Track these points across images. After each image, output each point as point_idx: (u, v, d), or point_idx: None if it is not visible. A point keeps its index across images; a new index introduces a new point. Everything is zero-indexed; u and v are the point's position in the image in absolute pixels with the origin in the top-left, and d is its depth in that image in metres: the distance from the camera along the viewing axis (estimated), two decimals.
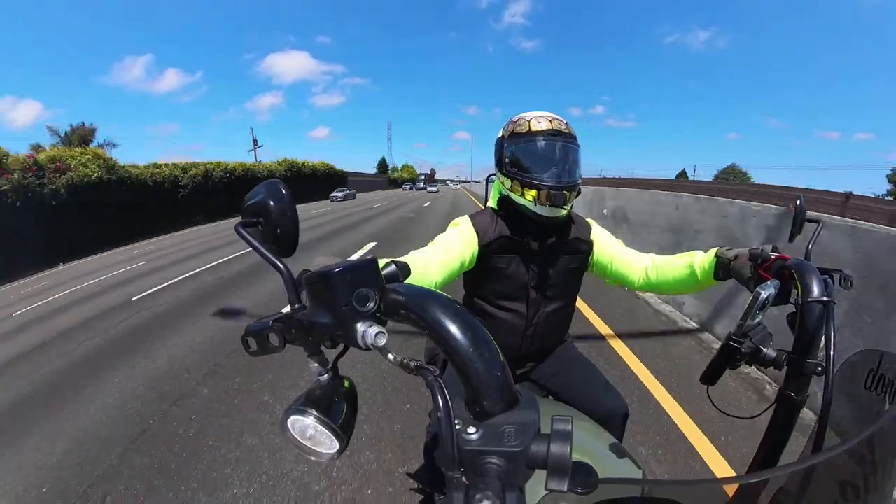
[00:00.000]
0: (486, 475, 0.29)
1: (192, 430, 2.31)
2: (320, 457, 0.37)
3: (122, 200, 15.61)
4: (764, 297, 0.59)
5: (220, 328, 4.00)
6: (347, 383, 0.41)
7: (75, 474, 2.06)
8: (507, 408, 0.33)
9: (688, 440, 1.97)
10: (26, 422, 2.69)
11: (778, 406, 0.61)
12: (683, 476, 1.74)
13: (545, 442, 0.30)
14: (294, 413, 0.36)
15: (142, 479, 1.95)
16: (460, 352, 0.33)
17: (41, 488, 2.00)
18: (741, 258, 0.80)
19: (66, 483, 2.01)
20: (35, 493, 1.98)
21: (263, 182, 0.46)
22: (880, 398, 0.55)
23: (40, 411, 2.80)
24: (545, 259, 1.02)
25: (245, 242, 0.41)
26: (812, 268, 0.63)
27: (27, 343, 4.40)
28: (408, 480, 1.75)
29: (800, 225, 0.81)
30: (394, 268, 0.57)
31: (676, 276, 0.96)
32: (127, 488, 1.91)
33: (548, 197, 0.93)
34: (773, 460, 0.61)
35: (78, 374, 3.36)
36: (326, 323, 0.37)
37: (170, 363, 3.27)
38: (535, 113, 1.00)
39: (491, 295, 1.06)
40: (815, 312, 0.58)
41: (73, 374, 3.36)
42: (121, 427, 2.43)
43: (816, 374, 0.57)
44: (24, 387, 3.24)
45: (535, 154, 0.97)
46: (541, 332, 1.08)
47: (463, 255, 0.96)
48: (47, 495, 1.95)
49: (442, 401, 0.30)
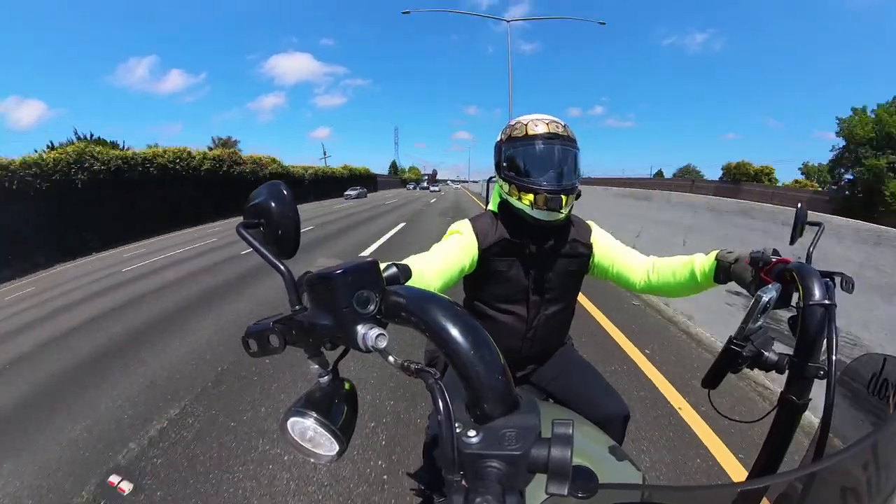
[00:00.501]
0: (487, 479, 0.29)
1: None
2: (319, 459, 0.37)
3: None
4: (765, 300, 0.59)
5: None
6: (348, 385, 0.41)
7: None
8: (508, 411, 0.33)
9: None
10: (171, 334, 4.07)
11: (779, 410, 0.61)
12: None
13: (546, 446, 0.29)
14: (294, 415, 0.36)
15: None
16: (461, 354, 0.33)
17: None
18: (742, 261, 0.79)
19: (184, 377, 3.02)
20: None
21: (265, 183, 0.46)
22: (883, 402, 0.54)
23: (177, 327, 4.24)
24: (544, 262, 1.02)
25: (246, 243, 0.41)
26: (813, 271, 0.62)
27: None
28: (408, 481, 1.74)
29: (801, 228, 0.81)
30: (395, 270, 0.57)
31: (677, 279, 0.95)
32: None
33: (545, 201, 0.92)
34: (774, 465, 0.61)
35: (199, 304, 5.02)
36: (327, 325, 0.37)
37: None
38: (533, 116, 0.99)
39: (491, 298, 1.05)
40: (816, 316, 0.58)
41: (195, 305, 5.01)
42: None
43: (818, 378, 0.57)
44: (158, 312, 4.92)
45: (532, 158, 0.96)
46: (541, 335, 1.08)
47: (463, 258, 0.95)
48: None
49: (442, 403, 0.30)
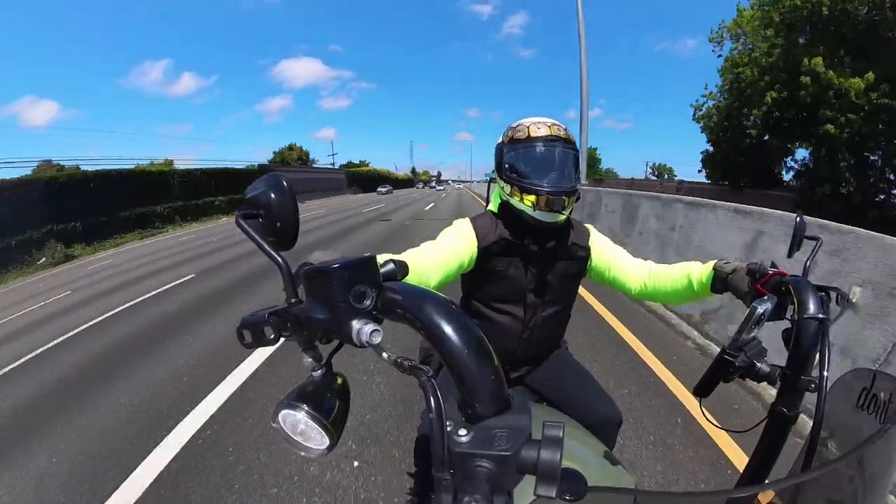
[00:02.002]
0: (476, 478, 0.29)
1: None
2: (310, 452, 0.37)
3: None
4: (760, 312, 0.59)
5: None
6: (340, 380, 0.41)
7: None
8: (500, 411, 0.33)
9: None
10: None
11: (770, 421, 0.61)
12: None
13: (535, 447, 0.29)
14: (286, 407, 0.36)
15: None
16: (455, 353, 0.33)
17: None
18: (739, 272, 0.79)
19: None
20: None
21: (264, 175, 0.46)
22: (871, 416, 0.55)
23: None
24: (543, 263, 1.02)
25: (244, 234, 0.41)
26: (809, 285, 0.63)
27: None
28: (399, 478, 1.75)
29: (799, 241, 0.81)
30: (392, 266, 0.57)
31: (674, 286, 0.96)
32: None
33: (547, 202, 0.94)
34: (763, 475, 0.61)
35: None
36: (322, 318, 0.37)
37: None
38: (535, 119, 1.00)
39: (488, 297, 1.06)
40: (810, 329, 0.58)
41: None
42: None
43: (809, 391, 0.57)
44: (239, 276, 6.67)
45: (535, 160, 0.97)
46: (537, 337, 1.08)
47: (461, 256, 0.95)
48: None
49: (434, 401, 0.30)
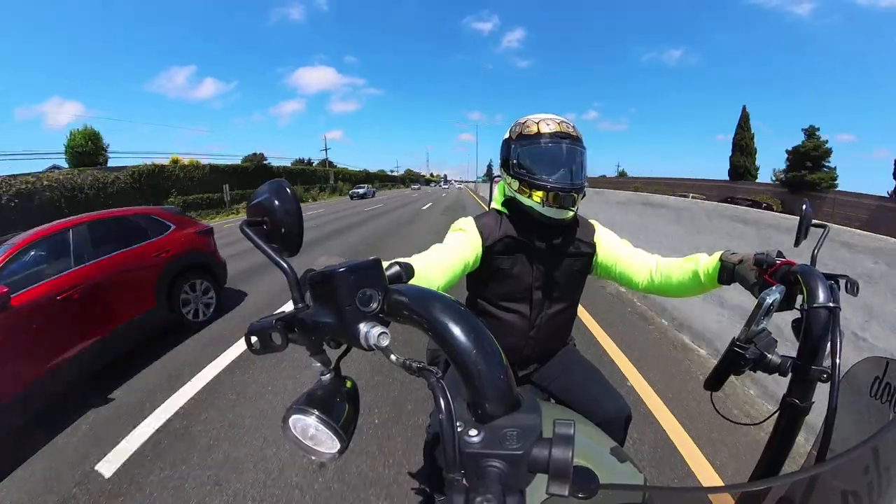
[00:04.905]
0: (487, 478, 0.29)
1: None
2: (321, 456, 0.37)
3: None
4: (769, 302, 0.58)
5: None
6: (349, 383, 0.41)
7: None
8: (509, 410, 0.33)
9: None
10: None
11: (781, 413, 0.61)
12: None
13: (547, 446, 0.29)
14: (296, 412, 0.36)
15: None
16: (463, 354, 0.33)
17: None
18: (746, 262, 0.79)
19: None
20: None
21: (268, 181, 0.46)
22: (885, 405, 0.54)
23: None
24: (549, 260, 1.02)
25: (249, 241, 0.42)
26: (818, 273, 0.62)
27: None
28: (409, 480, 1.75)
29: (806, 230, 0.80)
30: (397, 268, 0.57)
31: (681, 280, 0.95)
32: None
33: (555, 198, 0.94)
34: (776, 468, 0.61)
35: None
36: (329, 323, 0.37)
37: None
38: (543, 115, 1.00)
39: (494, 296, 1.05)
40: (820, 318, 0.57)
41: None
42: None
43: (821, 381, 0.56)
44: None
45: (544, 156, 0.97)
46: (544, 334, 1.08)
47: (466, 256, 0.95)
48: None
49: (444, 402, 0.30)
